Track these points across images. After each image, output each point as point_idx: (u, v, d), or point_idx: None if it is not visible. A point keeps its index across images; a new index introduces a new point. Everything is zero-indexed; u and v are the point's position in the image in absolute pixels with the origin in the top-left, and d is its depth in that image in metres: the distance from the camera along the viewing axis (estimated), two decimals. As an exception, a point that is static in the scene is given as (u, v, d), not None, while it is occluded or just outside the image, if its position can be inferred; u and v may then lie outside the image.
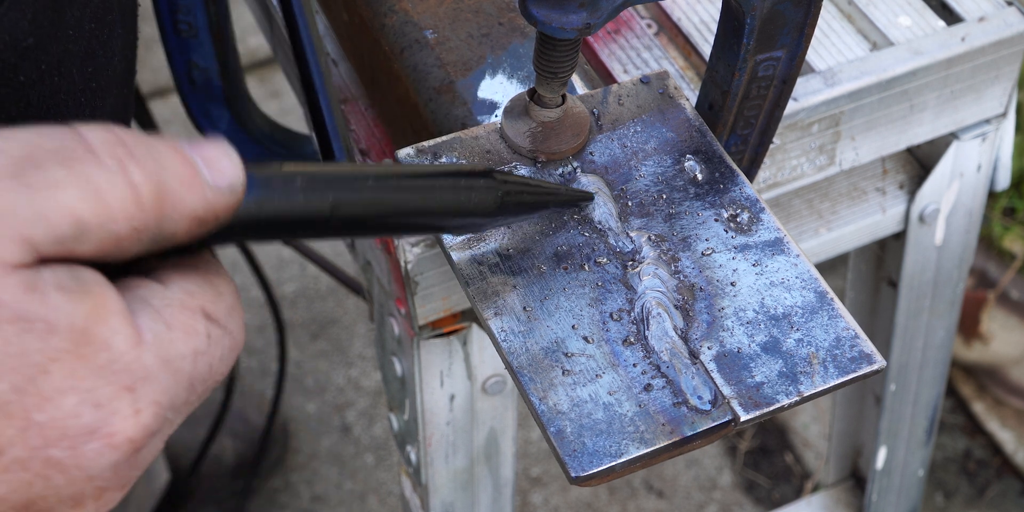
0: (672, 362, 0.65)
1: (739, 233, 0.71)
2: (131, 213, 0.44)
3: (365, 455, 2.05)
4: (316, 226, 0.51)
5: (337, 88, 0.93)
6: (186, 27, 1.11)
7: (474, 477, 1.04)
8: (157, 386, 0.45)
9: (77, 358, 0.43)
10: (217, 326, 0.48)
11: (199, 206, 0.46)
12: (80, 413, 0.43)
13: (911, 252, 1.10)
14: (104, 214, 0.43)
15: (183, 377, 0.46)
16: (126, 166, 0.44)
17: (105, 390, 0.44)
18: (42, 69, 0.59)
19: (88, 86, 0.63)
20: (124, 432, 0.44)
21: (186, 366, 0.46)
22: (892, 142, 0.98)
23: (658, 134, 0.75)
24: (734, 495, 2.02)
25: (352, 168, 0.53)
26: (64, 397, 0.43)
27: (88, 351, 0.43)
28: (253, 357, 2.14)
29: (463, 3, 0.84)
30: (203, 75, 1.16)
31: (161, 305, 0.46)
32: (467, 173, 0.59)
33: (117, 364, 0.44)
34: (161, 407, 0.45)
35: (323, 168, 0.52)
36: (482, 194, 0.59)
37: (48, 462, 0.44)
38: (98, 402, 0.44)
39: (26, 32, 0.57)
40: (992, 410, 2.07)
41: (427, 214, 0.56)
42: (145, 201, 0.44)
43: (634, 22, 0.95)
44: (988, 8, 0.95)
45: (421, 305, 0.87)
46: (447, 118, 0.80)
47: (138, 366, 0.45)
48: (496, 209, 0.60)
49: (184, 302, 0.47)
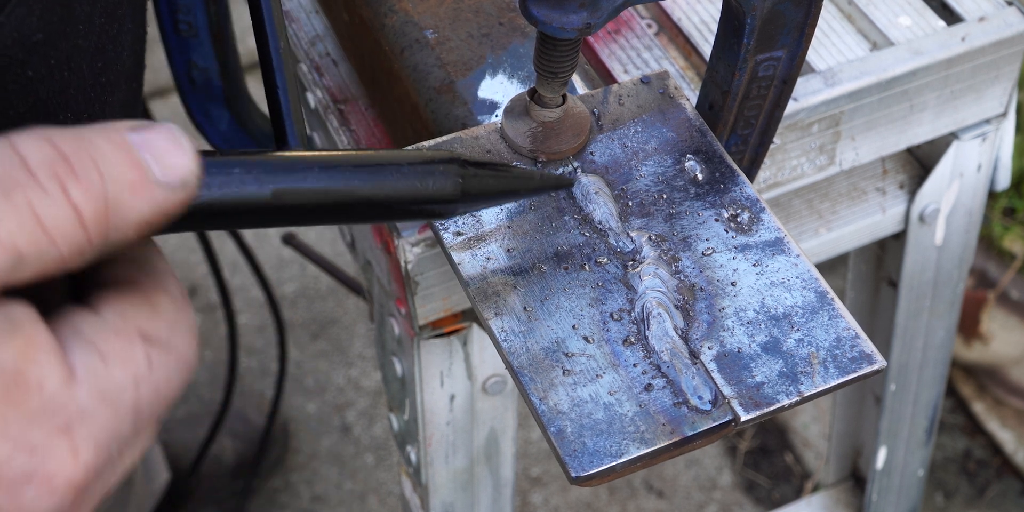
0: (672, 362, 0.65)
1: (739, 233, 0.71)
2: (73, 235, 0.42)
3: (365, 455, 2.05)
4: (258, 215, 0.50)
5: (337, 88, 0.93)
6: (186, 27, 1.11)
7: (474, 477, 1.04)
8: (95, 423, 0.43)
9: (7, 404, 0.41)
10: (156, 347, 0.45)
11: (147, 211, 0.44)
12: (13, 459, 0.42)
13: (911, 252, 1.10)
14: (44, 241, 0.41)
15: (125, 409, 0.44)
16: (67, 186, 0.42)
17: (38, 434, 0.42)
18: (51, 64, 0.58)
19: (98, 81, 0.63)
20: (63, 475, 0.43)
21: (127, 397, 0.44)
22: (892, 142, 0.98)
23: (658, 134, 0.75)
24: (734, 495, 2.02)
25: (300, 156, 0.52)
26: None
27: (19, 395, 0.42)
28: (253, 357, 2.14)
29: (463, 3, 0.84)
30: (203, 75, 1.16)
31: (94, 335, 0.44)
32: (427, 159, 0.57)
33: (50, 406, 0.42)
34: (102, 444, 0.44)
35: (267, 156, 0.51)
36: (441, 181, 0.57)
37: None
38: (31, 447, 0.42)
39: (35, 28, 0.57)
40: (992, 410, 2.07)
41: (379, 202, 0.55)
42: (88, 221, 0.42)
43: (634, 22, 0.95)
44: (988, 8, 0.95)
45: (421, 305, 0.87)
46: (447, 118, 0.80)
47: (72, 405, 0.43)
48: (458, 196, 0.58)
49: (118, 328, 0.45)
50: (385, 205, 0.55)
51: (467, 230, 0.70)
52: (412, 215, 0.58)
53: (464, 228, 0.71)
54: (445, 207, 0.58)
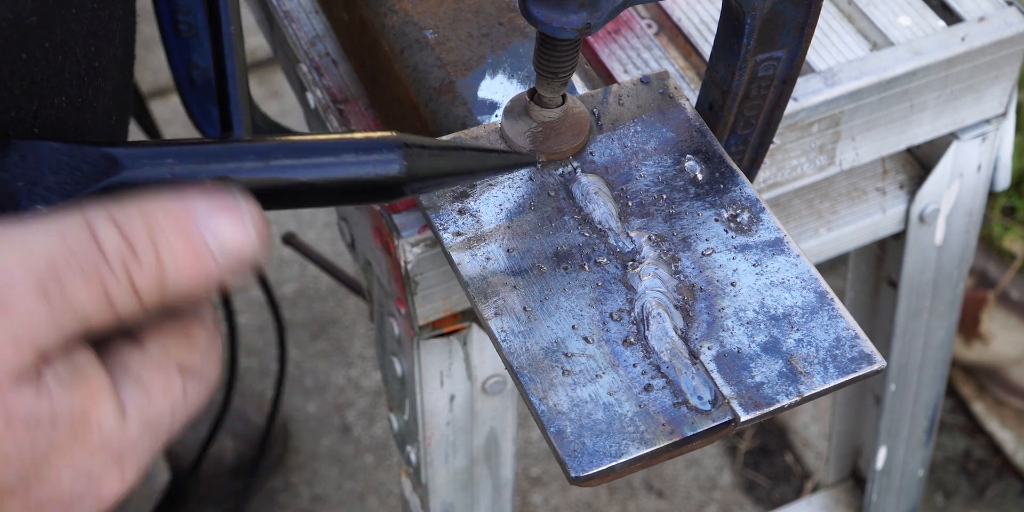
0: (672, 362, 0.65)
1: (739, 233, 0.71)
2: (132, 309, 0.47)
3: (365, 455, 2.05)
4: None
5: (337, 88, 0.93)
6: (186, 27, 1.11)
7: (474, 477, 1.04)
8: (140, 450, 0.49)
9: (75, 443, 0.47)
10: (192, 378, 0.51)
11: (200, 285, 0.48)
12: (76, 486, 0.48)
13: (911, 252, 1.10)
14: (108, 313, 0.47)
15: (162, 433, 0.50)
16: (130, 270, 0.47)
17: (96, 465, 0.48)
18: (46, 47, 0.60)
19: (91, 66, 0.64)
20: (112, 494, 0.49)
21: (165, 423, 0.50)
22: (892, 142, 0.98)
23: (658, 134, 0.75)
24: (734, 495, 2.02)
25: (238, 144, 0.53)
26: (61, 476, 0.47)
27: (83, 436, 0.47)
28: (253, 357, 2.14)
29: (463, 3, 0.84)
30: (203, 75, 1.15)
31: (140, 371, 0.49)
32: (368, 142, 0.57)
33: (109, 442, 0.48)
34: (143, 463, 0.50)
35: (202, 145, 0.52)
36: (384, 164, 0.57)
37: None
38: (90, 476, 0.48)
39: (30, 10, 0.58)
40: (992, 410, 2.07)
41: (320, 190, 0.55)
42: (145, 297, 0.47)
43: (634, 22, 0.95)
44: (988, 8, 0.95)
45: (421, 305, 0.87)
46: (447, 118, 0.80)
47: (124, 439, 0.49)
48: (404, 177, 0.57)
49: (160, 361, 0.50)
50: (327, 189, 0.55)
51: (467, 230, 0.70)
52: (359, 198, 0.58)
53: (464, 228, 0.71)
54: (392, 188, 0.58)
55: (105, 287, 0.46)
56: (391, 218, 0.84)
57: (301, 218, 2.32)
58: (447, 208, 0.71)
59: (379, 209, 0.85)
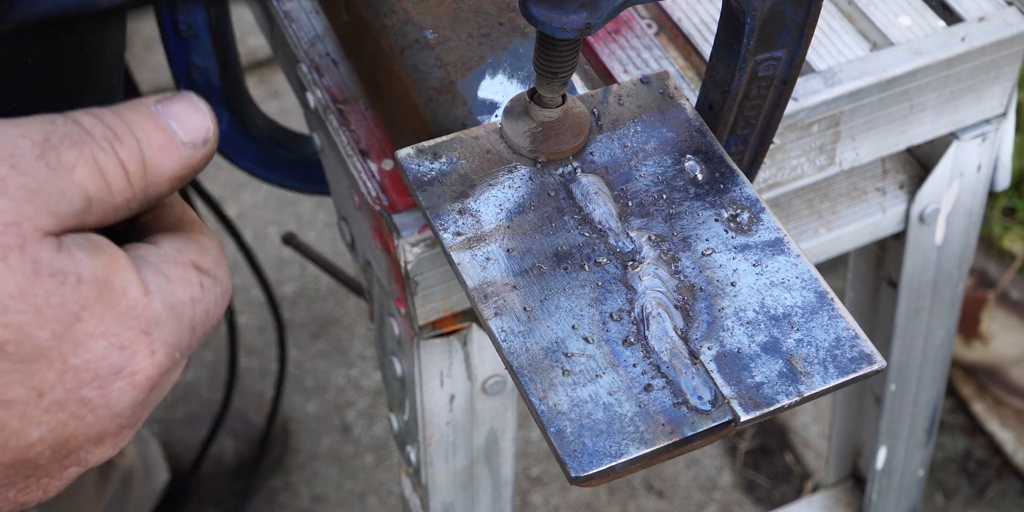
0: (672, 362, 0.65)
1: (739, 233, 0.71)
2: (124, 187, 0.51)
3: (365, 455, 2.05)
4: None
5: (337, 88, 0.93)
6: (186, 27, 1.11)
7: (474, 477, 1.04)
8: (167, 329, 0.51)
9: (104, 305, 0.49)
10: (207, 276, 0.54)
11: (177, 167, 0.52)
12: (108, 355, 0.49)
13: (911, 252, 1.10)
14: (105, 189, 0.50)
15: (186, 321, 0.52)
16: (114, 146, 0.50)
17: (127, 334, 0.49)
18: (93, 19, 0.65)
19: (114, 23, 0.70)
20: (144, 371, 0.50)
21: (187, 311, 0.52)
22: (892, 142, 0.98)
23: (658, 134, 0.75)
24: (734, 495, 2.02)
25: None
26: (95, 341, 0.48)
27: (111, 299, 0.49)
28: (253, 357, 2.14)
29: (463, 3, 0.84)
30: (203, 75, 1.16)
31: (158, 261, 0.52)
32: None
33: (135, 310, 0.50)
34: (171, 347, 0.51)
35: None
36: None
37: (82, 401, 0.49)
38: (123, 345, 0.49)
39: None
40: (992, 410, 2.07)
41: None
42: (133, 176, 0.51)
43: (634, 22, 0.95)
44: (988, 8, 0.95)
45: (421, 305, 0.87)
46: (447, 118, 0.80)
47: (150, 312, 0.50)
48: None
49: (176, 258, 0.53)
50: None
51: (467, 230, 0.70)
52: None
53: (464, 228, 0.71)
54: None
55: (95, 158, 0.49)
56: (391, 218, 0.84)
57: (301, 218, 2.32)
58: (447, 208, 0.71)
59: (379, 209, 0.85)
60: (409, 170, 0.73)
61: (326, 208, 2.31)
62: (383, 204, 0.85)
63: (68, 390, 0.48)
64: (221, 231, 2.04)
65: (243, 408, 1.95)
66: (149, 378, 0.50)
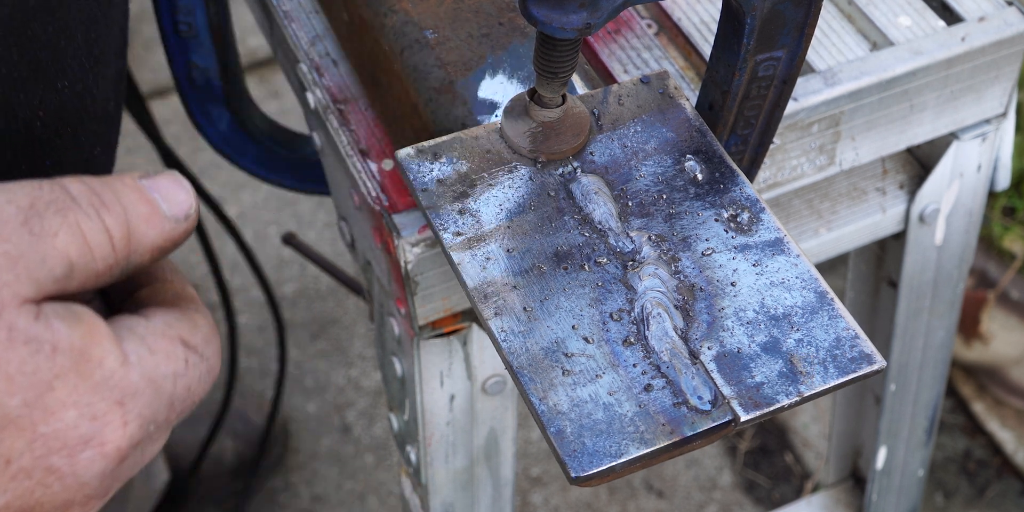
0: (672, 362, 0.65)
1: (739, 233, 0.71)
2: (107, 253, 0.51)
3: (365, 455, 2.05)
4: None
5: (337, 88, 0.93)
6: (186, 27, 1.11)
7: (474, 477, 1.04)
8: (143, 401, 0.51)
9: (78, 375, 0.49)
10: (194, 353, 0.54)
11: (159, 238, 0.54)
12: (79, 424, 0.49)
13: (911, 252, 1.10)
14: (88, 256, 0.51)
15: (165, 394, 0.52)
16: (100, 213, 0.51)
17: (100, 404, 0.49)
18: (49, 31, 0.63)
19: (91, 52, 0.67)
20: (114, 441, 0.50)
21: (167, 385, 0.52)
22: (892, 142, 0.98)
23: (658, 134, 0.75)
24: (734, 495, 2.02)
25: None
26: (66, 410, 0.49)
27: (86, 368, 0.49)
28: (253, 357, 2.14)
29: (463, 3, 0.84)
30: (203, 75, 1.16)
31: (145, 333, 0.53)
32: None
33: (110, 381, 0.50)
34: (146, 420, 0.51)
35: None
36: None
37: (49, 470, 0.49)
38: (94, 415, 0.49)
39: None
40: (992, 410, 2.07)
41: None
42: (117, 242, 0.52)
43: (634, 22, 0.95)
44: (988, 8, 0.95)
45: (421, 305, 0.87)
46: (447, 118, 0.80)
47: (126, 383, 0.50)
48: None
49: (164, 332, 0.53)
50: None
51: (467, 230, 0.70)
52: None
53: (464, 228, 0.71)
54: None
55: (79, 224, 0.50)
56: (391, 218, 0.84)
57: (301, 218, 2.32)
58: (447, 208, 0.71)
59: (379, 209, 0.85)
60: (409, 170, 0.73)
61: (326, 208, 2.31)
62: (383, 204, 0.85)
63: (36, 458, 0.48)
64: (221, 231, 2.04)
65: (243, 408, 1.95)
66: (119, 449, 0.50)
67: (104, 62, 0.69)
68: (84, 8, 0.65)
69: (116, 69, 0.72)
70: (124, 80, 0.76)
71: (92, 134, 0.69)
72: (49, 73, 0.64)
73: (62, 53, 0.64)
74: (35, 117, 0.63)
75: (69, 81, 0.65)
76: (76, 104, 0.66)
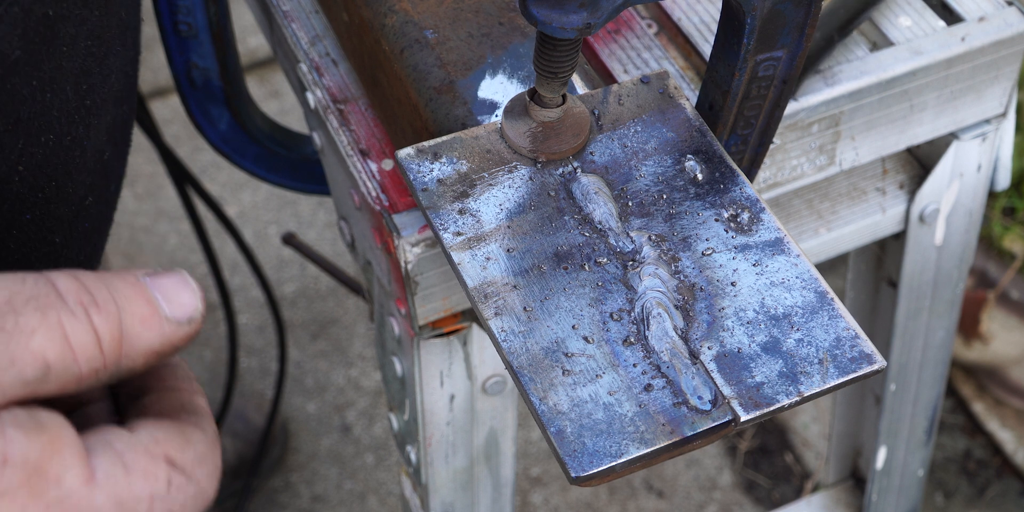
0: (672, 362, 0.65)
1: (739, 233, 0.71)
2: (92, 356, 0.47)
3: (365, 455, 2.05)
4: None
5: (337, 88, 0.93)
6: (186, 27, 1.11)
7: (474, 477, 1.04)
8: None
9: (29, 492, 0.44)
10: (181, 474, 0.48)
11: (156, 342, 0.49)
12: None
13: (911, 252, 1.10)
14: (68, 358, 0.46)
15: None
16: (90, 312, 0.47)
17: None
18: (33, 85, 0.59)
19: (82, 104, 0.63)
20: None
21: (141, 508, 0.47)
22: (892, 142, 0.98)
23: (658, 134, 0.75)
24: (734, 495, 2.02)
25: None
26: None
27: (39, 486, 0.44)
28: (253, 357, 2.14)
29: (463, 3, 0.84)
30: (203, 75, 1.16)
31: (124, 449, 0.47)
32: None
33: (67, 501, 0.45)
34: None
35: None
36: None
37: None
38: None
39: (14, 45, 0.57)
40: (992, 410, 2.07)
41: None
42: (106, 345, 0.47)
43: (634, 22, 0.95)
44: (988, 8, 0.95)
45: (421, 305, 0.87)
46: (447, 118, 0.80)
47: (87, 504, 0.45)
48: None
49: (148, 448, 0.48)
50: None
51: (467, 230, 0.70)
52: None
53: (464, 228, 0.71)
54: None
55: (62, 323, 0.46)
56: (391, 218, 0.84)
57: (301, 218, 2.32)
58: (447, 208, 0.71)
59: (379, 209, 0.85)
60: (409, 170, 0.73)
61: (326, 208, 2.31)
62: (383, 204, 0.85)
63: None
64: (221, 231, 2.04)
65: (243, 408, 1.95)
66: None
67: (98, 113, 0.65)
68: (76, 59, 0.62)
69: (116, 118, 0.68)
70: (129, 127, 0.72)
71: (82, 185, 0.65)
72: (31, 128, 0.60)
73: (47, 107, 0.61)
74: (12, 172, 0.59)
75: (55, 135, 0.62)
76: (62, 157, 0.62)
